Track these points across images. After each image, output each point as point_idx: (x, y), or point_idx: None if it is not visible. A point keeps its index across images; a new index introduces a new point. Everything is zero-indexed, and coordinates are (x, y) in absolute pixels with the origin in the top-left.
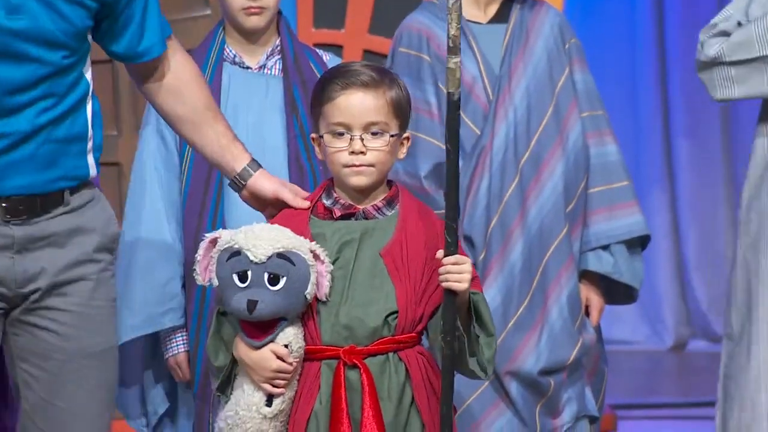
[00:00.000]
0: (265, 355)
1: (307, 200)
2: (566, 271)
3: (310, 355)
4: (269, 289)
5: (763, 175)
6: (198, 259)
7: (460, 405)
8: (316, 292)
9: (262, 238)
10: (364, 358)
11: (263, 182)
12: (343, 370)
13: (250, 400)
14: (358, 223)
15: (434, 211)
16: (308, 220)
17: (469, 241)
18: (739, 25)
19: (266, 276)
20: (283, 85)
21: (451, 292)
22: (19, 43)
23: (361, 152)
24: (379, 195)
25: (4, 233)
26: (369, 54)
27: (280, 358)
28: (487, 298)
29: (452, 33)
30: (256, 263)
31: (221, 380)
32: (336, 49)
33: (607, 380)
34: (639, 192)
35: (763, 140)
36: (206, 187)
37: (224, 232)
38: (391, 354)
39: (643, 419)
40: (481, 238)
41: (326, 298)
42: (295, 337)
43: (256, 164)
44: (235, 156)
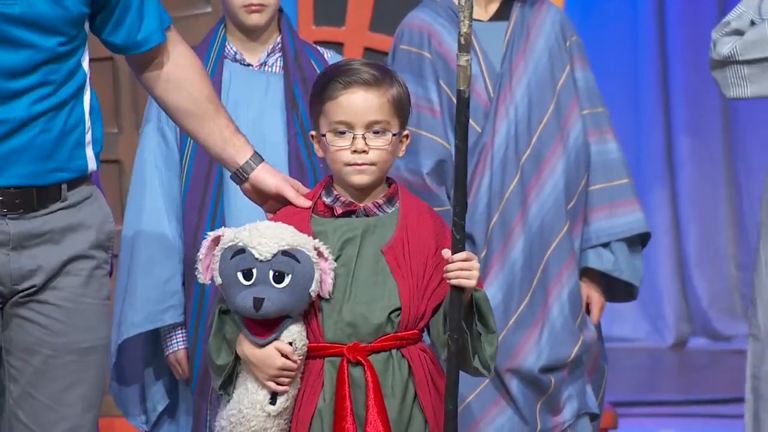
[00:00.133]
0: (269, 353)
1: (308, 198)
2: (567, 269)
3: (313, 353)
4: (275, 287)
5: None
6: (200, 257)
7: (461, 403)
8: (319, 289)
9: (267, 236)
10: (368, 355)
11: (266, 176)
12: (346, 368)
13: (254, 398)
14: (359, 220)
15: (434, 208)
16: (310, 218)
17: (470, 239)
18: (752, 24)
19: (271, 274)
20: (284, 83)
21: (458, 290)
22: (14, 29)
23: (364, 151)
24: (379, 192)
25: (0, 230)
26: (369, 51)
27: (284, 355)
28: (488, 296)
29: (464, 31)
30: (261, 261)
31: (223, 379)
32: (336, 47)
33: (607, 378)
34: (640, 189)
35: None
36: (206, 184)
37: (227, 230)
38: (394, 351)
39: (644, 417)
40: (482, 236)
41: (329, 296)
42: (299, 335)
43: (259, 157)
44: (238, 148)
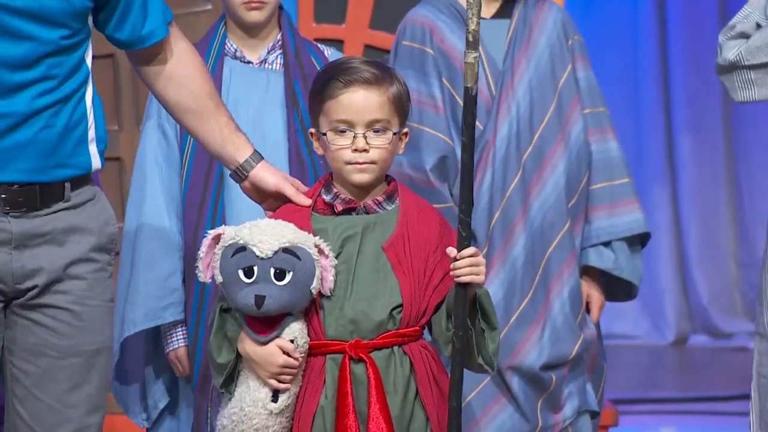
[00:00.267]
0: (271, 351)
1: (307, 196)
2: (568, 267)
3: (314, 350)
4: (276, 284)
5: None
6: (200, 255)
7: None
8: (320, 286)
9: (268, 234)
10: (370, 352)
11: (265, 174)
12: (348, 365)
13: (256, 396)
14: (359, 217)
15: (435, 205)
16: (310, 216)
17: (472, 236)
18: (758, 26)
19: (272, 271)
20: (284, 80)
21: (463, 286)
22: (16, 21)
23: (364, 150)
24: (379, 190)
25: (2, 228)
26: (370, 49)
27: (285, 353)
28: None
29: (472, 28)
30: (262, 258)
31: (225, 377)
32: (337, 44)
33: (607, 375)
34: (640, 187)
35: None
36: (206, 182)
37: (228, 228)
38: (395, 347)
39: (645, 414)
40: (484, 233)
41: (330, 293)
42: (300, 332)
43: (259, 156)
44: (238, 146)
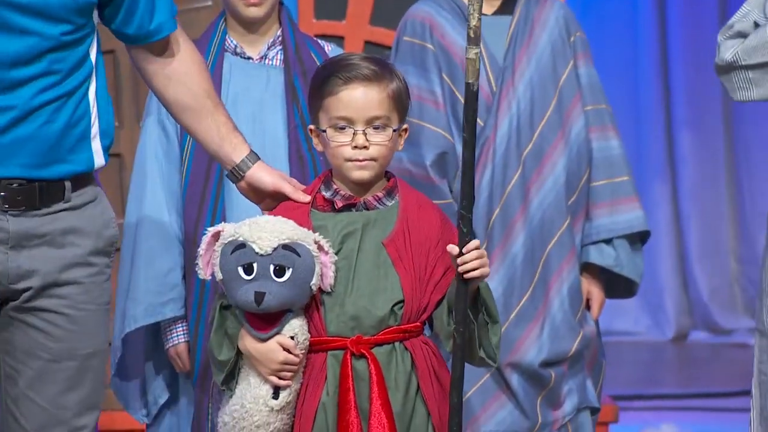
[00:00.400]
0: (271, 347)
1: (306, 193)
2: (568, 264)
3: (315, 347)
4: (275, 281)
5: None
6: (200, 253)
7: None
8: (320, 283)
9: (267, 230)
10: (371, 348)
11: (262, 174)
12: (350, 361)
13: (257, 393)
14: (359, 214)
15: (435, 201)
16: (309, 213)
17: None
18: (756, 25)
19: (272, 268)
20: (284, 76)
21: (465, 281)
22: (18, 16)
23: (364, 147)
24: (378, 186)
25: (0, 226)
26: (370, 45)
27: (286, 349)
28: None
29: (473, 24)
30: (262, 255)
31: (226, 374)
32: (337, 40)
33: (607, 372)
34: (641, 184)
35: None
36: (206, 178)
37: (227, 226)
38: (397, 343)
39: (645, 410)
40: (483, 230)
41: (330, 289)
42: (300, 329)
43: (255, 156)
44: (235, 146)
